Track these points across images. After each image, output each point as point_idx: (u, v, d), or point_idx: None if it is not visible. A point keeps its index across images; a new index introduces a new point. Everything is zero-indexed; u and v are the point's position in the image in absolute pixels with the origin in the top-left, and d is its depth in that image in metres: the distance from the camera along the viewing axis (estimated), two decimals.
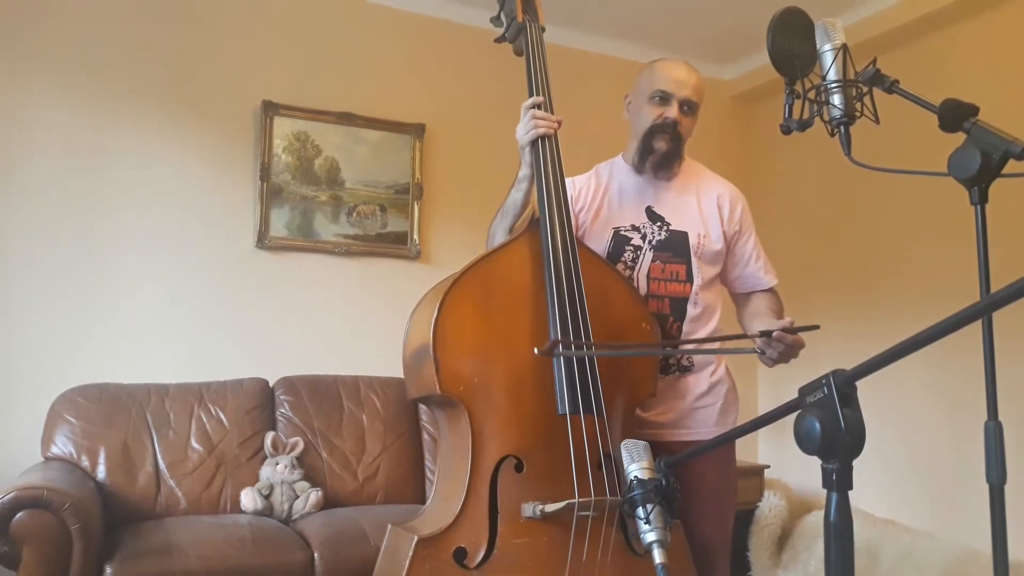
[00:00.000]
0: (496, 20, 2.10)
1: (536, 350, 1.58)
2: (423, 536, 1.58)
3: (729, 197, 2.05)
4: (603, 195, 2.05)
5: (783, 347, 1.72)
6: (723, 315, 2.06)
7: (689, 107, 1.96)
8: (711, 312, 2.01)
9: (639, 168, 2.02)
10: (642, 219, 2.00)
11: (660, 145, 1.95)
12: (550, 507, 1.62)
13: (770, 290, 2.08)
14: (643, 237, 1.98)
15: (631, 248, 1.98)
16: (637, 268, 1.97)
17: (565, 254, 1.76)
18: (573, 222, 1.97)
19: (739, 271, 2.06)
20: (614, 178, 2.07)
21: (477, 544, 1.61)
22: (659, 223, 1.99)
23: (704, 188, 2.05)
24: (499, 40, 2.11)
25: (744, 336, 1.71)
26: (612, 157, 2.14)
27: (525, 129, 1.86)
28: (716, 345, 2.05)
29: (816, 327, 1.59)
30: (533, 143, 1.85)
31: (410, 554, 1.56)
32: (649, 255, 1.97)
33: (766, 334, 1.71)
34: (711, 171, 2.12)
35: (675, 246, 1.97)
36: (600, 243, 2.01)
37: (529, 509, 1.64)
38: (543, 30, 2.03)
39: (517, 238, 1.83)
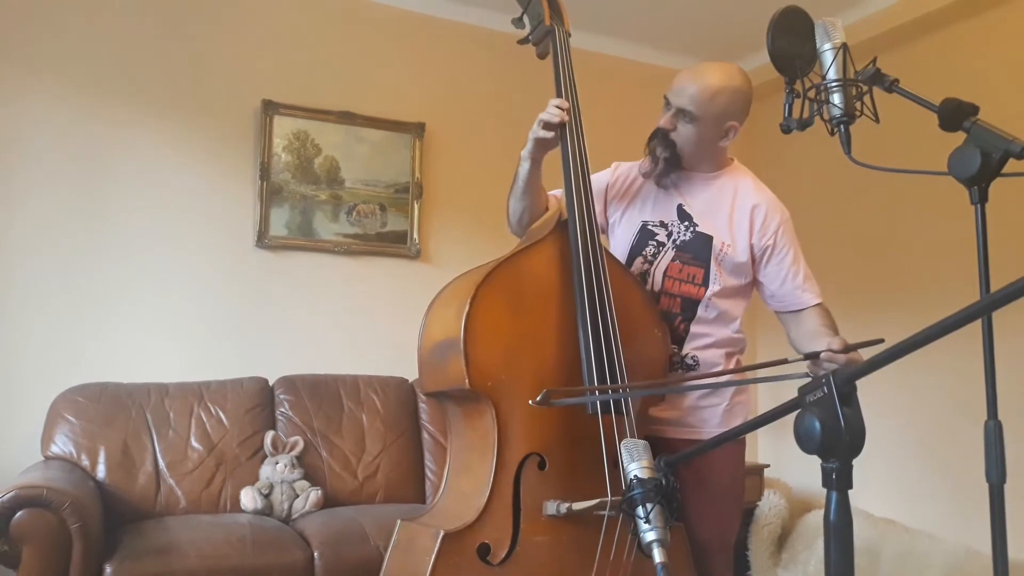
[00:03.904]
0: (518, 22, 2.09)
1: (530, 402, 1.45)
2: (449, 531, 1.57)
3: (765, 209, 1.94)
4: (641, 185, 2.03)
5: (836, 368, 1.64)
6: (758, 329, 1.98)
7: (685, 116, 1.88)
8: (727, 318, 1.96)
9: (648, 171, 1.98)
10: (672, 216, 1.98)
11: (657, 151, 1.93)
12: (578, 505, 1.62)
13: (819, 307, 1.95)
14: (668, 235, 1.97)
15: (654, 243, 1.97)
16: (656, 264, 1.96)
17: (595, 262, 1.77)
18: (600, 214, 2.00)
19: (775, 288, 1.97)
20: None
21: (501, 540, 1.61)
22: (687, 222, 1.97)
23: (742, 196, 1.96)
24: (523, 42, 2.10)
25: (787, 362, 1.58)
26: (611, 156, 2.13)
27: (536, 124, 1.86)
28: (727, 374, 2.00)
29: (880, 340, 1.45)
30: (542, 143, 1.86)
31: (436, 549, 1.55)
32: (670, 253, 1.95)
33: (812, 356, 1.66)
34: (758, 181, 2.02)
35: (697, 248, 1.94)
36: (627, 234, 2.01)
37: (552, 507, 1.64)
38: (569, 35, 2.02)
39: (544, 238, 1.82)
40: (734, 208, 1.96)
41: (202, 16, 3.52)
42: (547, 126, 1.83)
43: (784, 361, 1.59)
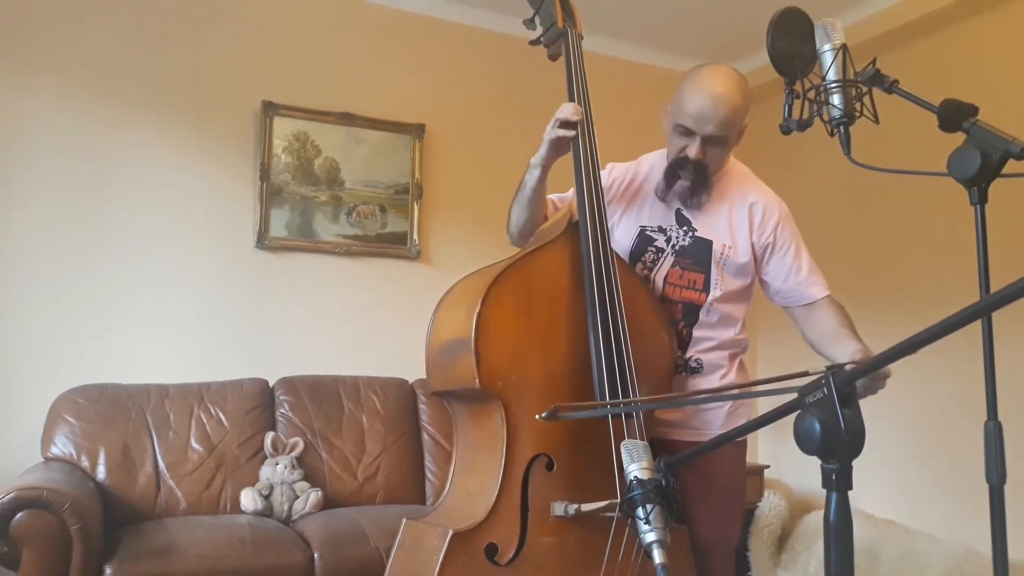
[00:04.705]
0: (530, 23, 2.06)
1: (537, 416, 1.47)
2: (458, 531, 1.57)
3: (764, 206, 1.92)
4: (638, 188, 2.01)
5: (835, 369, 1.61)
6: (759, 329, 1.96)
7: (714, 141, 1.84)
8: (730, 321, 1.95)
9: (663, 195, 1.95)
10: (670, 221, 1.96)
11: (684, 179, 1.89)
12: (587, 507, 1.62)
13: (829, 300, 1.93)
14: (667, 240, 1.95)
15: (653, 249, 1.95)
16: (655, 270, 1.94)
17: (607, 265, 1.77)
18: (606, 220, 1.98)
19: (779, 285, 1.95)
20: (653, 173, 2.00)
21: (508, 541, 1.61)
22: (686, 227, 1.95)
23: (739, 196, 1.94)
24: (535, 43, 2.07)
25: (808, 374, 1.59)
26: (613, 158, 2.11)
27: (550, 126, 1.83)
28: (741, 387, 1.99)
29: (887, 376, 1.45)
30: (558, 145, 1.83)
31: (444, 549, 1.54)
32: (670, 259, 1.94)
33: (835, 368, 1.65)
34: (754, 177, 2.00)
35: (697, 254, 1.92)
36: (626, 239, 1.99)
37: (560, 508, 1.64)
38: (581, 38, 1.99)
39: (555, 240, 1.81)
40: (732, 207, 1.94)
41: (202, 17, 3.53)
42: (565, 124, 1.79)
43: (806, 374, 1.57)
